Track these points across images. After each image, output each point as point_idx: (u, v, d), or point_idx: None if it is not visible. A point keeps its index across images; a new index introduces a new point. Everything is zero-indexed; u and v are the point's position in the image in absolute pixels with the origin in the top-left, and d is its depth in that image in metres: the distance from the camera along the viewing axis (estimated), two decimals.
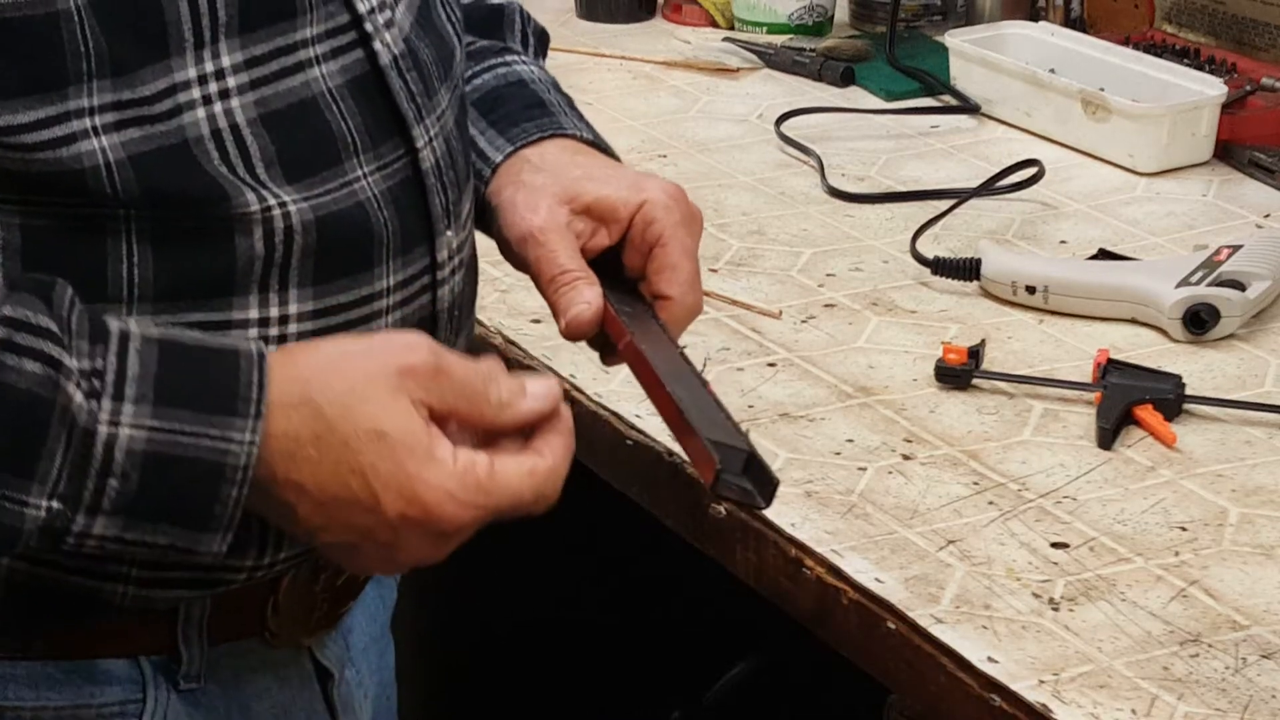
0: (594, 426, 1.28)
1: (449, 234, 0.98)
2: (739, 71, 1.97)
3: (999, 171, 1.65)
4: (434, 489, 0.87)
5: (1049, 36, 1.87)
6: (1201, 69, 1.79)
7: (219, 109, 0.88)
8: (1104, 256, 1.51)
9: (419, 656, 1.19)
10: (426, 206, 0.97)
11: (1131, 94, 1.72)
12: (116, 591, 0.93)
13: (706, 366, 1.34)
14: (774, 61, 1.97)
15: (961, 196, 1.62)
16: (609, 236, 1.02)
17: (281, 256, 0.90)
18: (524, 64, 1.12)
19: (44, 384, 0.82)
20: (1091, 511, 1.17)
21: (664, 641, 1.77)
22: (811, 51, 1.96)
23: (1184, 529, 1.16)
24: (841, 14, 2.11)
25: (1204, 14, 1.91)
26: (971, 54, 1.84)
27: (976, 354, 1.33)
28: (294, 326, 0.92)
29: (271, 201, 0.89)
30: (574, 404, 1.30)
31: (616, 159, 1.09)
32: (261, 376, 0.86)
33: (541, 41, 1.19)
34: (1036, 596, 1.09)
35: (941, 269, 1.47)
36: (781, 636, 1.28)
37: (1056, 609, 1.07)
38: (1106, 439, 1.25)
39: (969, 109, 1.83)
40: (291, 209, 0.90)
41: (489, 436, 0.90)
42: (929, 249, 1.51)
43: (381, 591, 1.12)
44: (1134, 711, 0.99)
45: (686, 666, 1.76)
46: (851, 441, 1.25)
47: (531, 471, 0.89)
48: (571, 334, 1.01)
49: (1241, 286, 1.40)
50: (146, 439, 0.84)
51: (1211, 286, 1.40)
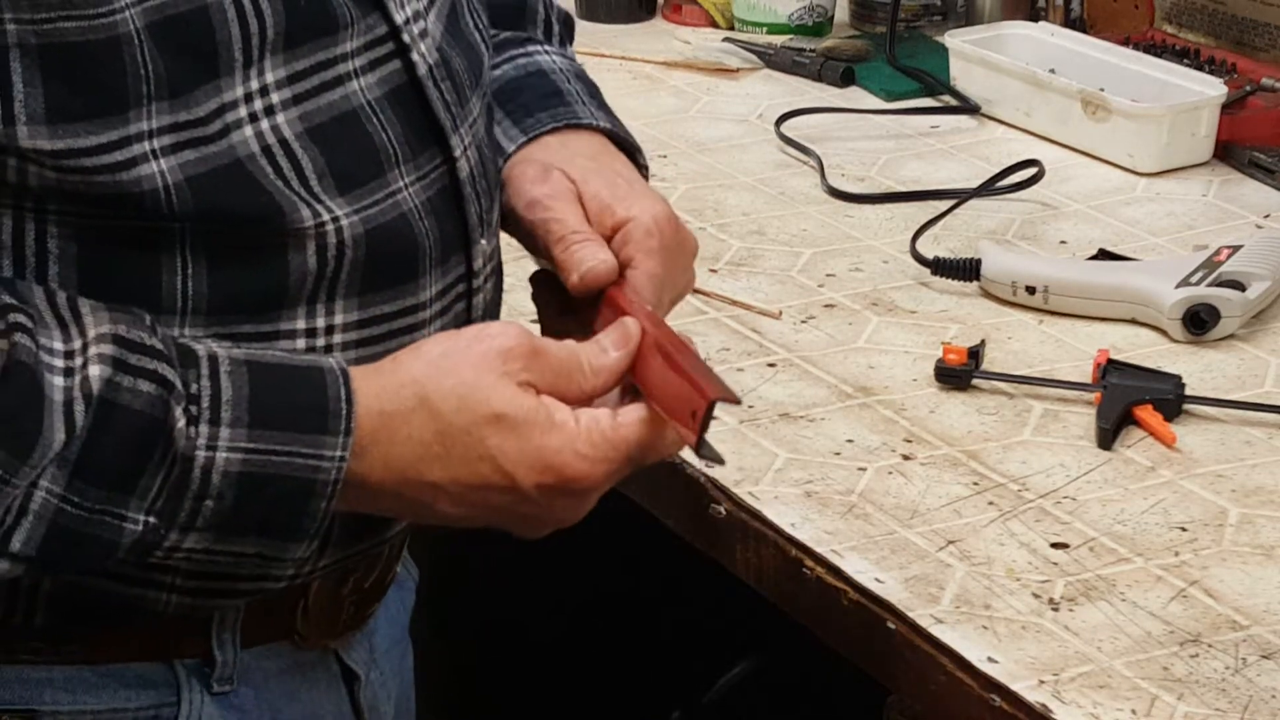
0: None
1: (483, 242, 0.99)
2: (739, 72, 1.97)
3: (999, 172, 1.65)
4: (563, 452, 0.89)
5: (1049, 37, 1.87)
6: (1201, 69, 1.79)
7: (265, 126, 0.89)
8: (1104, 257, 1.51)
9: (436, 665, 1.19)
10: (463, 215, 0.98)
11: (1131, 94, 1.72)
12: (160, 599, 0.93)
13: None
14: (774, 62, 1.97)
15: (961, 197, 1.62)
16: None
17: (332, 271, 0.92)
18: (545, 53, 1.12)
19: (156, 405, 0.85)
20: (1091, 512, 1.17)
21: (664, 642, 1.77)
22: (811, 52, 1.96)
23: (1184, 529, 1.16)
24: (841, 14, 2.11)
25: (1204, 14, 1.91)
26: (971, 54, 1.84)
27: (976, 354, 1.33)
28: (339, 336, 0.93)
29: (325, 216, 0.90)
30: None
31: (635, 147, 1.09)
32: (348, 392, 0.88)
33: (566, 27, 1.20)
34: (1036, 597, 1.09)
35: (941, 269, 1.47)
36: (781, 637, 1.28)
37: (1056, 609, 1.07)
38: (1106, 439, 1.25)
39: (969, 109, 1.83)
40: (344, 223, 0.91)
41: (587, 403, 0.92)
42: (929, 249, 1.51)
43: (402, 594, 1.13)
44: (1134, 712, 0.99)
45: (686, 667, 1.76)
46: (851, 442, 1.25)
47: (656, 419, 0.91)
48: (586, 286, 1.00)
49: (1241, 287, 1.40)
50: (242, 460, 0.86)
51: (1211, 287, 1.40)
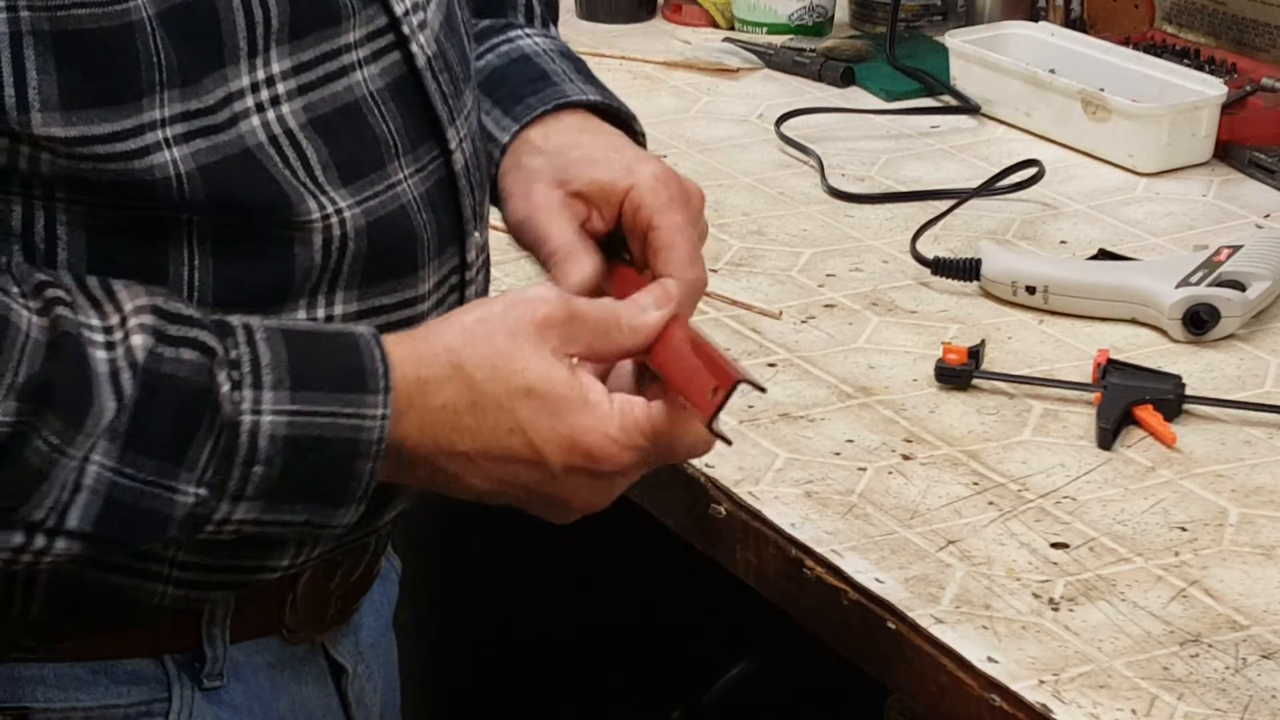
0: None
1: (476, 234, 1.00)
2: (739, 72, 1.97)
3: (999, 172, 1.65)
4: (593, 433, 0.89)
5: (1049, 37, 1.87)
6: (1201, 69, 1.79)
7: (271, 115, 0.89)
8: (1104, 257, 1.51)
9: (420, 658, 1.19)
10: (458, 208, 0.98)
11: (1131, 94, 1.72)
12: (155, 592, 0.93)
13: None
14: (774, 62, 1.97)
15: (961, 197, 1.61)
16: (603, 220, 1.01)
17: (335, 263, 0.92)
18: (526, 37, 1.12)
19: (200, 372, 0.85)
20: (1091, 512, 1.17)
21: (664, 641, 1.77)
22: (811, 52, 1.96)
23: (1184, 529, 1.16)
24: (841, 14, 2.11)
25: (1204, 14, 1.91)
26: (971, 54, 1.84)
27: (976, 354, 1.33)
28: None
29: (330, 209, 0.90)
30: None
31: (629, 115, 1.08)
32: (383, 353, 0.88)
33: (549, 6, 1.19)
34: (1036, 597, 1.09)
35: (941, 269, 1.47)
36: (781, 637, 1.28)
37: (1056, 609, 1.07)
38: (1106, 439, 1.25)
39: (969, 109, 1.83)
40: (347, 215, 0.91)
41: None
42: (929, 249, 1.51)
43: (385, 587, 1.13)
44: (1134, 711, 0.99)
45: (686, 666, 1.76)
46: (851, 442, 1.25)
47: (686, 413, 0.91)
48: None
49: (1241, 287, 1.40)
50: (287, 424, 0.86)
51: (1211, 287, 1.40)
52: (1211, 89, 1.71)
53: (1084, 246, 1.55)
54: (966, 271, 1.46)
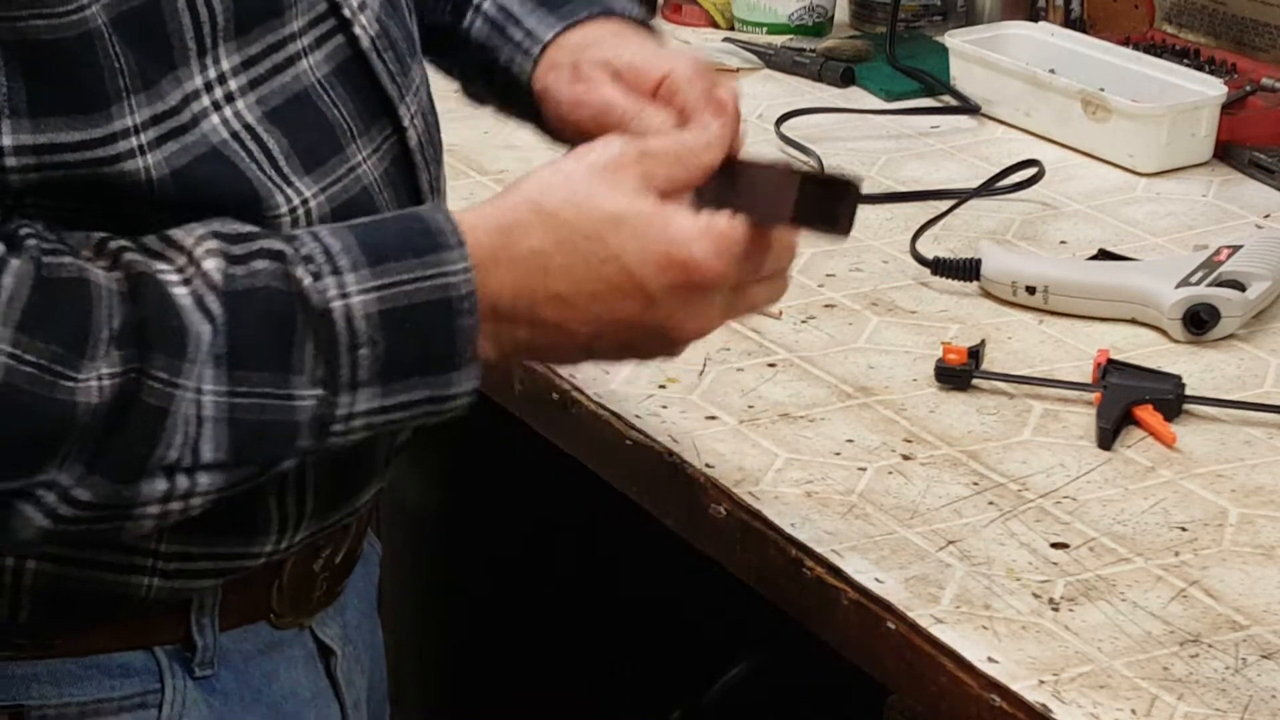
0: (594, 426, 1.28)
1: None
2: (739, 72, 1.97)
3: (999, 172, 1.65)
4: (686, 246, 0.90)
5: (1049, 37, 1.87)
6: (1201, 69, 1.78)
7: (229, 112, 0.90)
8: (1104, 257, 1.51)
9: (417, 659, 1.19)
10: (416, 184, 0.99)
11: (1131, 94, 1.72)
12: (141, 585, 0.94)
13: (706, 367, 1.34)
14: (774, 62, 1.97)
15: (961, 197, 1.61)
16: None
17: None
18: None
19: (277, 276, 0.86)
20: (1091, 512, 1.17)
21: (664, 641, 1.77)
22: (811, 52, 1.96)
23: (1184, 529, 1.16)
24: (841, 14, 2.11)
25: (1204, 14, 1.91)
26: (971, 54, 1.84)
27: (976, 354, 1.33)
28: None
29: (296, 201, 0.91)
30: (573, 404, 1.30)
31: (664, 34, 1.09)
32: (446, 214, 0.89)
33: None
34: (1036, 597, 1.09)
35: (941, 269, 1.47)
36: (781, 637, 1.28)
37: (1056, 609, 1.07)
38: (1106, 439, 1.25)
39: (969, 109, 1.83)
40: (312, 204, 0.92)
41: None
42: (929, 249, 1.51)
43: (368, 569, 1.14)
44: (1134, 712, 0.99)
45: (686, 666, 1.76)
46: (851, 442, 1.25)
47: (762, 227, 0.93)
48: None
49: (1241, 287, 1.40)
50: (377, 299, 0.86)
51: (1211, 287, 1.39)
52: (1211, 89, 1.71)
53: (1084, 246, 1.54)
54: (966, 271, 1.46)
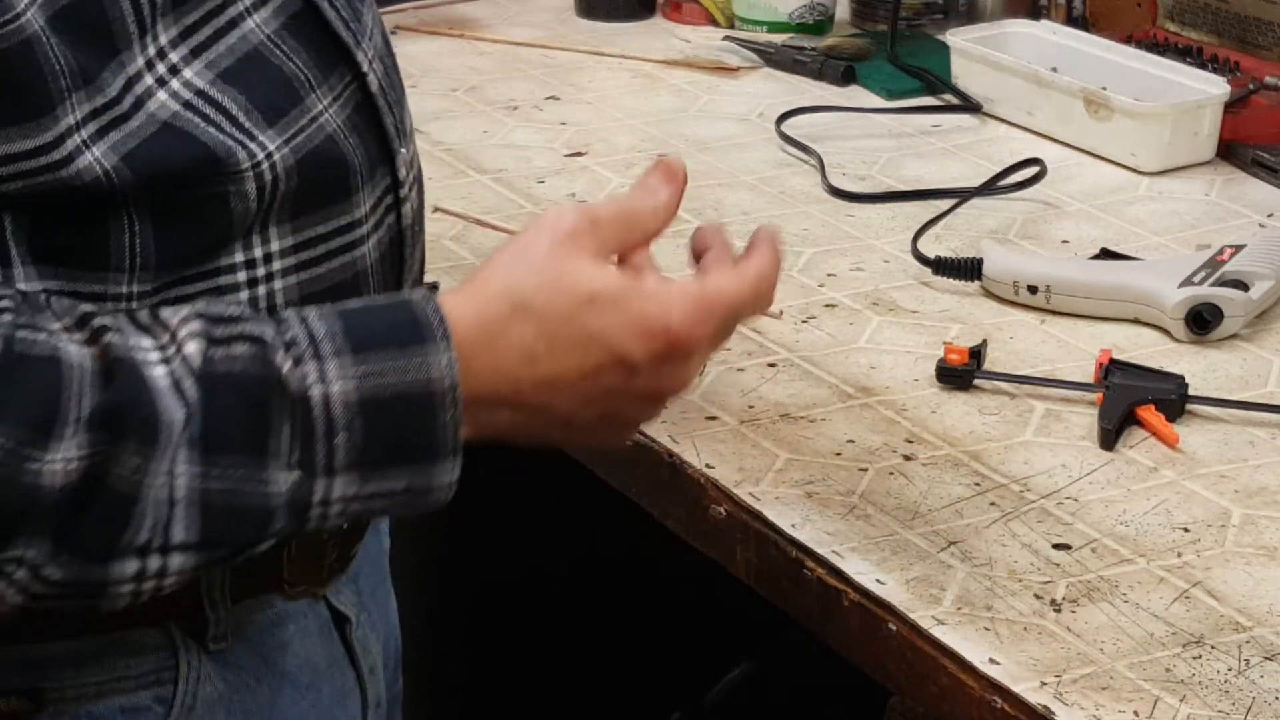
0: None
1: (404, 151, 1.01)
2: (739, 70, 1.97)
3: (1000, 171, 1.64)
4: (665, 315, 0.90)
5: (1051, 35, 1.86)
6: (1204, 68, 1.78)
7: (177, 85, 0.90)
8: (1106, 256, 1.51)
9: (417, 660, 1.18)
10: (382, 128, 0.99)
11: (1134, 93, 1.71)
12: None
13: (706, 367, 1.33)
14: (774, 60, 1.97)
15: (963, 196, 1.61)
16: None
17: (267, 205, 0.92)
18: None
19: (256, 361, 0.85)
20: (1094, 512, 1.17)
21: (664, 642, 1.76)
22: (812, 50, 1.96)
23: (1187, 530, 1.15)
24: (842, 12, 2.11)
25: (1207, 12, 1.91)
26: (973, 52, 1.83)
27: (978, 354, 1.33)
28: (278, 263, 0.94)
29: (260, 155, 0.91)
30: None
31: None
32: (435, 305, 0.89)
33: None
34: (1038, 598, 1.08)
35: (943, 269, 1.47)
36: (782, 638, 1.28)
37: (1058, 610, 1.07)
38: (1109, 440, 1.24)
39: (970, 108, 1.83)
40: (276, 156, 0.92)
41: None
42: (930, 249, 1.51)
43: (378, 538, 1.14)
44: (1136, 713, 0.99)
45: (687, 668, 1.76)
46: (852, 442, 1.25)
47: (740, 273, 0.94)
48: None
49: (1244, 286, 1.40)
50: (356, 387, 0.86)
51: (1214, 286, 1.39)
52: (1214, 87, 1.71)
53: (1086, 246, 1.54)
54: (968, 271, 1.46)
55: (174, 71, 0.89)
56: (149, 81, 0.88)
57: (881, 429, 1.26)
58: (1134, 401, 1.27)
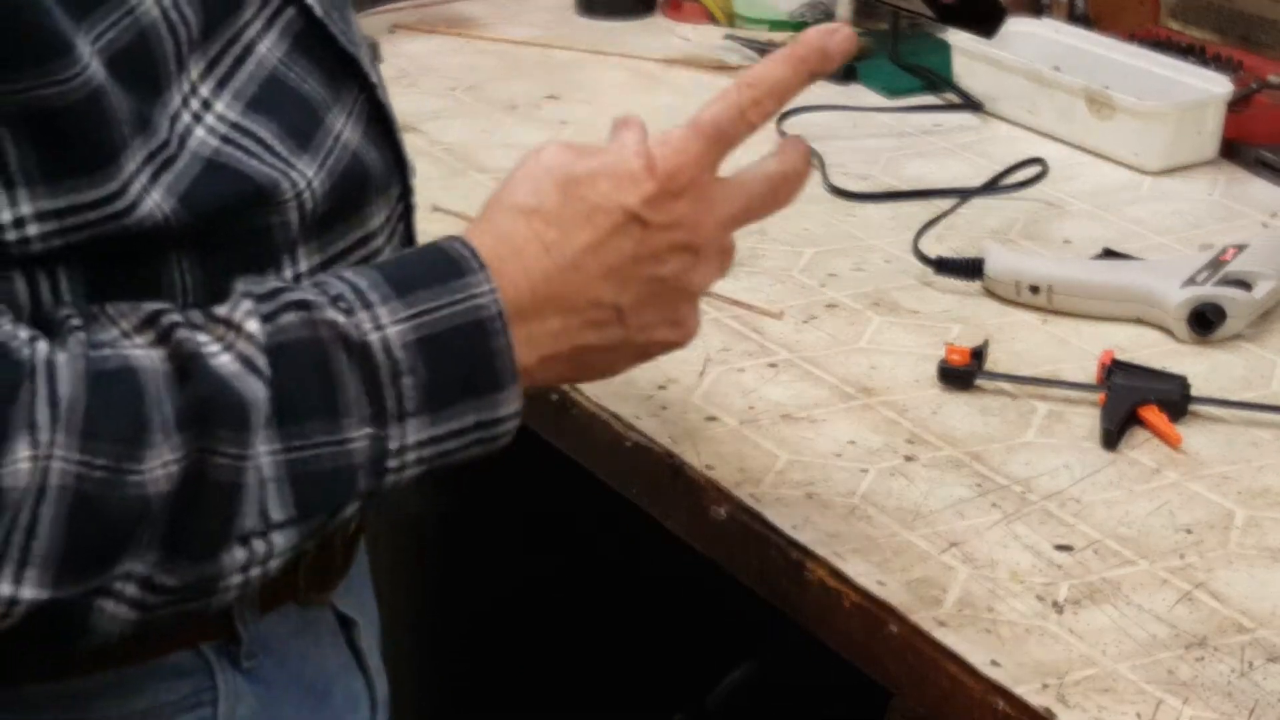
0: (593, 427, 1.28)
1: (409, 160, 1.02)
2: (739, 69, 1.96)
3: (1002, 170, 1.64)
4: (642, 155, 0.92)
5: (1053, 33, 1.86)
6: (1207, 66, 1.78)
7: (211, 120, 0.89)
8: (1108, 256, 1.50)
9: (417, 659, 1.18)
10: (393, 137, 1.00)
11: (1136, 91, 1.71)
12: None
13: (706, 368, 1.33)
14: None
15: (964, 195, 1.61)
16: None
17: (301, 229, 0.93)
18: None
19: (307, 325, 0.86)
20: (1096, 513, 1.17)
21: (665, 644, 1.76)
22: None
23: (1189, 531, 1.15)
24: (843, 11, 2.10)
25: (1210, 11, 1.90)
26: (975, 51, 1.83)
27: (980, 354, 1.33)
28: (306, 282, 0.94)
29: (301, 184, 0.91)
30: (572, 405, 1.29)
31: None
32: (465, 241, 0.90)
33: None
34: (1040, 599, 1.08)
35: (944, 268, 1.47)
36: (783, 640, 1.28)
37: (1060, 612, 1.07)
38: (1111, 440, 1.24)
39: (972, 107, 1.83)
40: (315, 183, 0.92)
41: None
42: (932, 248, 1.50)
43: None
44: (1139, 715, 0.98)
45: (688, 669, 1.76)
46: (853, 443, 1.24)
47: (723, 101, 0.98)
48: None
49: (1248, 286, 1.39)
50: (412, 327, 0.87)
51: (1217, 286, 1.39)
52: (1217, 86, 1.71)
53: (1088, 245, 1.54)
54: (970, 271, 1.45)
55: (206, 106, 0.89)
56: (187, 119, 0.88)
57: (882, 430, 1.26)
58: (1136, 402, 1.27)
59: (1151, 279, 1.41)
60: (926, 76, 1.89)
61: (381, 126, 0.99)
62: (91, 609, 0.83)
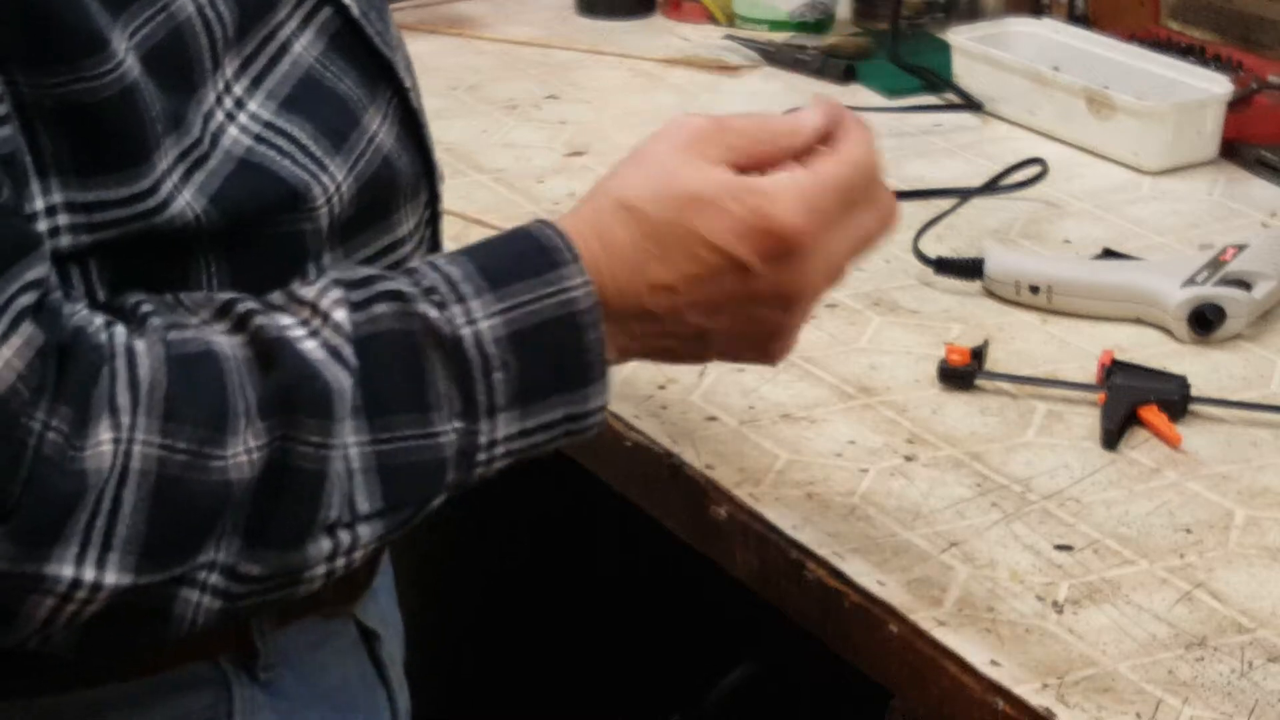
0: None
1: (439, 166, 1.01)
2: (739, 69, 1.96)
3: (1002, 170, 1.64)
4: (768, 213, 0.90)
5: (1053, 33, 1.86)
6: (1207, 66, 1.78)
7: (244, 119, 0.89)
8: (1108, 256, 1.50)
9: (417, 659, 1.18)
10: (423, 143, 0.99)
11: (1136, 91, 1.71)
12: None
13: (706, 367, 1.33)
14: (775, 59, 1.97)
15: (964, 195, 1.61)
16: None
17: (329, 233, 0.92)
18: None
19: (401, 317, 0.85)
20: (1096, 513, 1.16)
21: (664, 644, 1.76)
22: (813, 49, 1.96)
23: (1189, 531, 1.15)
24: (843, 11, 2.10)
25: (1210, 11, 1.90)
26: (974, 51, 1.83)
27: (979, 354, 1.33)
28: None
29: (331, 188, 0.91)
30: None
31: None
32: (557, 229, 0.89)
33: None
34: (1040, 599, 1.08)
35: (944, 268, 1.46)
36: (783, 639, 1.28)
37: (1060, 612, 1.07)
38: (1111, 440, 1.24)
39: (972, 107, 1.83)
40: (344, 187, 0.92)
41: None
42: (932, 248, 1.50)
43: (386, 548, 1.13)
44: (1138, 715, 0.98)
45: (687, 669, 1.75)
46: (853, 443, 1.24)
47: (844, 158, 0.94)
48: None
49: (1247, 286, 1.39)
50: (503, 322, 0.87)
51: (1217, 286, 1.39)
52: (1217, 86, 1.71)
53: (1088, 245, 1.54)
54: (969, 271, 1.45)
55: (240, 105, 0.89)
56: (220, 118, 0.88)
57: (882, 429, 1.26)
58: (1136, 402, 1.27)
59: (1151, 279, 1.41)
60: (926, 76, 1.88)
61: (413, 131, 0.98)
62: (176, 597, 0.83)
